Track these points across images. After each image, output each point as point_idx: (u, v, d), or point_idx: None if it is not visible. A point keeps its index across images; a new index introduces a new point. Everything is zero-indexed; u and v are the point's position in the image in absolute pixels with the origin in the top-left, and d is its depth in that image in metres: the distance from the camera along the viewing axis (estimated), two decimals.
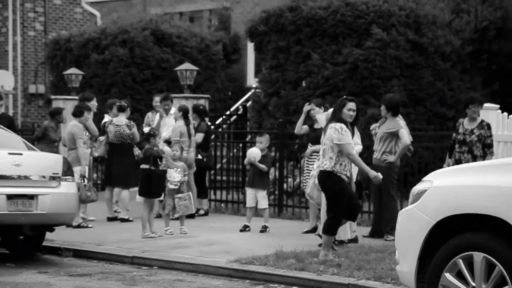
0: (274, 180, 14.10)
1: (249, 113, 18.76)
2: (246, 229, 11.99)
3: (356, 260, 9.31)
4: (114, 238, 11.37)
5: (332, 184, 9.42)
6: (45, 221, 10.24)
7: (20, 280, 8.86)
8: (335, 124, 9.44)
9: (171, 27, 19.90)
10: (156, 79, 19.21)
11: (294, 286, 8.66)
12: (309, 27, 15.87)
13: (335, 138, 9.35)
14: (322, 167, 9.50)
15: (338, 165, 9.39)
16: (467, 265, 6.07)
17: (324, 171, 9.45)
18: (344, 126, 9.41)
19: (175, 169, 11.74)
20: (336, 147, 9.37)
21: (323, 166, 9.48)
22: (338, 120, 9.48)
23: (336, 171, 9.39)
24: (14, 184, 9.98)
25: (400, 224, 6.66)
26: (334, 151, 9.40)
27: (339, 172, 9.40)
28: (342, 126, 9.40)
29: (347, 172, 9.45)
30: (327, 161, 9.43)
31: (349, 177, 9.52)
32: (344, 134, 9.35)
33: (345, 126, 9.42)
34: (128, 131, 13.44)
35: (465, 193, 6.15)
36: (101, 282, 8.86)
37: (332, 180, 9.40)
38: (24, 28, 24.69)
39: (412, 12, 15.56)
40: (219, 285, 8.80)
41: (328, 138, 9.44)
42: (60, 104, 17.12)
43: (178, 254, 10.18)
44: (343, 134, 9.35)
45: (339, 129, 9.36)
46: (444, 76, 15.75)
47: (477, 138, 10.83)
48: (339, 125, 9.41)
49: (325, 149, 9.49)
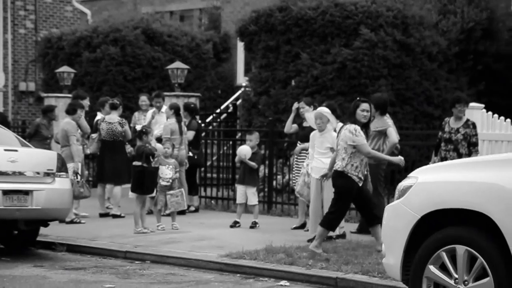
0: (264, 178, 14.34)
1: (239, 111, 18.99)
2: (236, 225, 12.22)
3: (344, 255, 9.56)
4: (107, 233, 11.58)
5: (341, 183, 9.70)
6: (40, 216, 10.43)
7: (17, 273, 9.07)
8: (349, 126, 9.71)
9: (162, 26, 20.11)
10: (147, 78, 19.42)
11: (284, 280, 8.89)
12: (298, 27, 16.11)
13: (349, 139, 9.63)
14: (335, 167, 9.82)
15: (349, 166, 9.68)
16: (450, 258, 6.33)
17: (336, 171, 9.77)
18: (358, 127, 9.68)
19: (167, 166, 11.96)
20: (350, 148, 9.64)
21: (336, 166, 9.80)
22: (352, 121, 9.75)
23: (347, 172, 9.67)
24: (9, 180, 10.17)
25: (386, 219, 6.92)
26: (347, 152, 9.68)
27: (350, 173, 9.68)
28: (356, 128, 9.67)
29: (358, 173, 9.70)
30: (339, 161, 9.74)
31: (361, 178, 9.76)
32: (358, 135, 9.63)
33: (359, 127, 9.68)
34: (120, 129, 13.64)
35: (449, 189, 6.40)
36: (96, 276, 9.08)
37: (342, 179, 9.69)
38: (14, 26, 24.83)
39: (399, 13, 15.82)
40: (211, 279, 9.02)
41: (342, 139, 9.73)
42: (52, 101, 17.30)
43: (170, 249, 10.40)
44: (357, 135, 9.62)
45: (353, 131, 9.63)
46: (431, 76, 16.03)
47: (463, 137, 11.07)
48: (354, 126, 9.67)
49: (339, 149, 9.78)
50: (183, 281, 8.86)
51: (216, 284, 8.73)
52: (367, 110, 9.81)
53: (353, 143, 9.59)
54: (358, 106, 9.80)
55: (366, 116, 9.81)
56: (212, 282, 8.85)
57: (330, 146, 10.86)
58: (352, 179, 9.64)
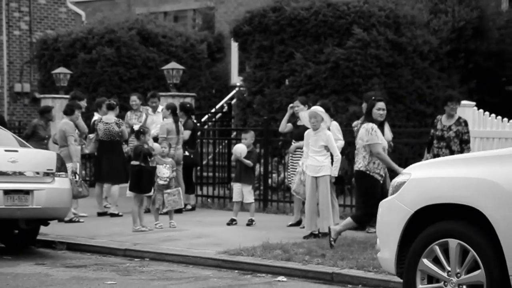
0: (259, 176, 14.53)
1: (234, 110, 19.18)
2: (233, 223, 12.42)
3: (340, 250, 9.77)
4: (106, 232, 11.76)
5: (364, 183, 9.94)
6: (40, 216, 10.61)
7: (19, 271, 9.25)
8: (366, 125, 10.00)
9: (157, 26, 20.29)
10: (143, 78, 19.60)
11: (281, 275, 9.09)
12: (292, 27, 16.30)
13: (364, 138, 9.87)
14: (357, 166, 10.05)
15: (371, 164, 9.93)
16: (443, 251, 6.53)
17: (358, 171, 10.03)
18: (375, 126, 9.96)
19: (164, 165, 12.14)
20: (368, 146, 9.89)
21: (358, 165, 10.04)
22: (370, 120, 9.99)
23: (369, 170, 9.92)
24: (10, 180, 10.34)
25: (381, 214, 7.13)
26: (367, 150, 9.96)
27: (372, 171, 9.93)
28: (373, 127, 9.94)
29: (380, 171, 9.96)
30: (360, 160, 10.00)
31: (382, 176, 10.01)
32: (373, 134, 9.90)
33: (376, 126, 9.94)
34: (117, 129, 13.82)
35: (441, 185, 6.61)
36: (97, 273, 9.27)
37: (364, 180, 9.94)
38: (9, 27, 24.95)
39: (391, 13, 16.03)
40: (209, 275, 9.22)
41: (360, 138, 10.01)
42: (48, 102, 17.48)
43: (169, 246, 10.59)
44: (372, 134, 9.89)
45: (369, 129, 9.91)
46: (422, 75, 16.24)
47: (455, 134, 11.26)
48: (370, 125, 9.96)
49: (358, 148, 10.04)
50: (182, 278, 9.05)
51: (215, 280, 8.93)
52: (383, 109, 10.12)
53: (367, 142, 9.86)
54: (374, 105, 10.11)
55: (382, 114, 10.11)
56: (211, 278, 9.04)
57: (325, 145, 11.08)
58: (374, 177, 9.89)
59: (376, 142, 9.91)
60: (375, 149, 9.92)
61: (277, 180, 14.87)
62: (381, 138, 10.02)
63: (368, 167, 9.93)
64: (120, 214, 13.46)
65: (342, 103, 15.58)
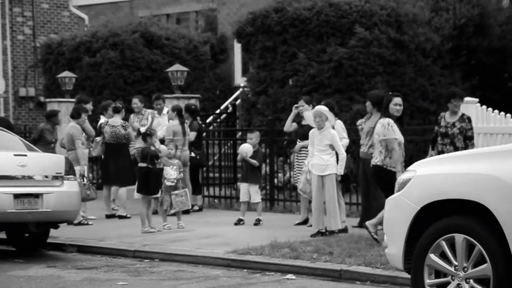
0: (265, 176, 14.64)
1: (238, 111, 19.30)
2: (240, 223, 12.54)
3: (347, 248, 9.87)
4: (115, 233, 11.89)
5: (381, 178, 10.07)
6: (50, 219, 10.75)
7: (32, 274, 9.39)
8: (383, 120, 10.14)
9: (160, 29, 20.43)
10: (147, 80, 19.74)
11: (290, 273, 9.20)
12: (294, 28, 16.43)
13: (381, 133, 10.01)
14: (374, 161, 10.18)
15: (388, 158, 10.07)
16: (449, 246, 6.65)
17: (375, 166, 10.17)
18: (392, 121, 10.09)
19: (171, 167, 12.26)
20: (384, 141, 10.02)
21: (374, 160, 10.17)
22: (387, 116, 10.13)
23: (386, 165, 10.05)
24: (19, 184, 10.48)
25: (387, 211, 7.24)
26: (383, 145, 10.11)
27: (389, 166, 10.07)
28: (390, 122, 10.08)
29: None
30: (377, 155, 10.15)
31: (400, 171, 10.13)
32: (390, 129, 10.04)
33: (392, 121, 10.08)
34: (123, 132, 13.95)
35: (446, 181, 6.72)
36: (108, 274, 9.40)
37: (381, 174, 10.07)
38: (13, 32, 25.10)
39: (393, 11, 16.15)
40: (219, 274, 9.34)
41: (377, 133, 10.14)
42: (54, 106, 17.61)
43: (178, 247, 10.72)
44: (389, 129, 10.03)
45: (385, 125, 10.05)
46: (425, 72, 16.36)
47: (459, 131, 11.36)
48: (387, 120, 10.10)
49: (375, 143, 10.17)
50: (192, 277, 9.18)
51: (224, 279, 9.05)
52: (399, 104, 10.25)
53: (383, 137, 9.99)
54: (391, 101, 10.23)
55: (399, 110, 10.24)
56: (220, 277, 9.16)
57: (330, 143, 11.20)
58: (392, 172, 10.00)
59: (392, 137, 10.04)
60: (390, 144, 10.05)
61: (283, 180, 14.99)
62: (397, 133, 10.14)
63: (385, 161, 10.05)
64: (128, 216, 13.59)
65: (346, 101, 15.71)
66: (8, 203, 10.24)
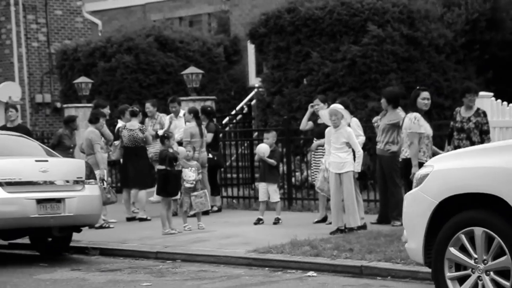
0: (283, 175, 14.74)
1: (254, 111, 19.42)
2: (259, 222, 12.65)
3: (367, 244, 9.97)
4: (136, 236, 12.03)
5: (410, 171, 10.13)
6: (73, 223, 10.90)
7: (57, 277, 9.55)
8: (410, 114, 10.32)
9: (174, 32, 20.60)
10: (162, 83, 19.91)
11: (311, 270, 9.31)
12: (307, 27, 16.53)
13: (407, 127, 10.14)
14: (403, 155, 10.30)
15: (419, 153, 10.17)
16: (469, 239, 6.75)
17: (405, 159, 10.32)
18: (419, 115, 10.25)
19: (189, 168, 12.39)
20: (416, 136, 10.16)
21: (404, 153, 10.29)
22: (414, 110, 10.27)
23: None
24: (41, 189, 10.63)
25: (406, 206, 7.35)
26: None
27: (419, 159, 10.16)
28: (416, 116, 10.23)
29: (426, 158, 10.20)
30: (406, 148, 10.31)
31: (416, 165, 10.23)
32: (416, 123, 10.20)
33: (419, 115, 10.22)
34: (141, 135, 14.10)
35: (464, 175, 6.82)
36: (132, 275, 9.54)
37: (411, 168, 10.13)
38: (27, 39, 25.33)
39: (405, 8, 16.23)
40: (241, 273, 9.46)
41: (405, 128, 10.31)
42: (72, 112, 17.79)
43: (199, 247, 10.85)
44: (415, 123, 10.20)
45: (412, 119, 10.23)
46: (439, 68, 16.42)
47: (474, 125, 11.41)
48: (414, 114, 10.27)
49: (403, 137, 10.34)
50: (215, 277, 9.30)
51: (246, 278, 9.18)
52: (427, 98, 10.40)
53: (409, 130, 10.12)
54: (419, 95, 10.38)
55: (427, 104, 10.40)
56: (242, 276, 9.29)
57: (346, 141, 11.31)
58: (421, 165, 10.07)
59: (416, 131, 10.16)
60: (411, 137, 10.18)
61: (301, 178, 15.09)
62: (424, 128, 10.25)
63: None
64: (149, 218, 13.73)
65: (361, 99, 15.80)
66: (31, 208, 10.40)
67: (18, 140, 11.72)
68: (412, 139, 10.20)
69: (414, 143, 10.21)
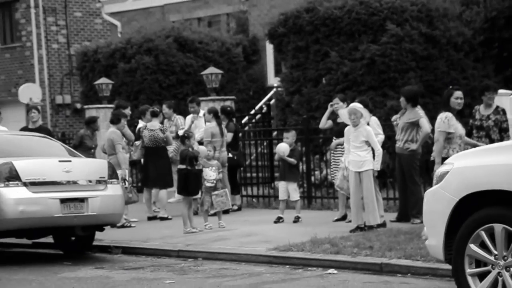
0: (302, 174, 14.83)
1: (273, 111, 19.52)
2: (279, 220, 12.74)
3: (387, 242, 10.03)
4: (158, 235, 12.16)
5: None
6: (96, 222, 11.04)
7: (81, 275, 9.69)
8: (442, 114, 10.39)
9: (193, 33, 20.74)
10: (182, 84, 20.06)
11: (331, 268, 9.39)
12: (326, 27, 16.61)
13: (437, 126, 10.24)
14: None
15: (451, 151, 10.30)
16: (489, 236, 6.81)
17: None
18: (450, 115, 10.32)
19: (210, 168, 12.49)
20: (443, 135, 10.19)
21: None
22: (447, 110, 10.35)
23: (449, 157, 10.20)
24: (65, 189, 10.77)
25: (426, 203, 7.41)
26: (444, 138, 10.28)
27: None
28: (447, 115, 10.33)
29: None
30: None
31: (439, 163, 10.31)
32: (445, 123, 10.27)
33: (451, 115, 10.28)
34: (161, 135, 14.22)
35: (484, 172, 6.88)
36: (155, 273, 9.67)
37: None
38: (48, 41, 25.60)
39: (423, 7, 16.28)
40: (262, 271, 9.56)
41: (436, 128, 10.40)
42: (92, 112, 17.96)
43: (220, 245, 10.95)
44: (445, 122, 10.29)
45: (443, 118, 10.32)
46: (458, 66, 16.46)
47: (494, 123, 11.46)
48: (445, 114, 10.35)
49: (435, 136, 10.37)
50: (236, 274, 9.41)
51: (268, 275, 9.27)
52: (460, 98, 10.46)
53: (438, 129, 10.18)
54: (452, 95, 10.44)
55: (460, 103, 10.47)
56: (263, 273, 9.38)
57: (365, 140, 11.37)
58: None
59: (443, 130, 10.20)
60: (437, 135, 10.26)
61: (320, 177, 15.17)
62: (454, 127, 10.28)
63: (448, 154, 10.21)
64: (169, 217, 13.86)
65: (380, 98, 15.87)
66: (55, 208, 10.54)
67: (41, 141, 11.89)
68: (438, 137, 10.26)
69: (439, 141, 10.27)
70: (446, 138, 10.26)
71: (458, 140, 10.30)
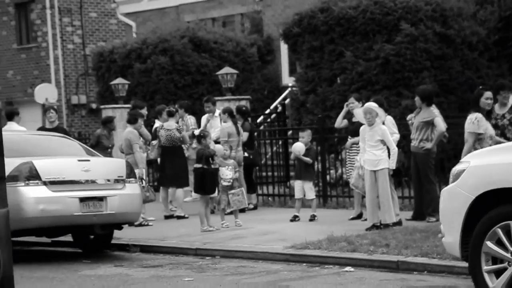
0: (317, 173, 14.92)
1: (288, 110, 19.62)
2: (295, 219, 12.85)
3: (403, 240, 10.12)
4: (175, 233, 12.29)
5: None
6: (114, 220, 11.17)
7: (101, 273, 9.82)
8: (472, 115, 10.38)
9: (208, 33, 20.88)
10: (197, 84, 20.19)
11: (348, 266, 9.49)
12: (340, 27, 16.69)
13: (466, 127, 10.29)
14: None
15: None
16: (505, 233, 6.89)
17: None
18: (480, 115, 10.29)
19: (226, 167, 12.61)
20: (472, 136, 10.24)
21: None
22: (476, 110, 10.38)
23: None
24: (84, 188, 10.91)
25: (443, 201, 7.49)
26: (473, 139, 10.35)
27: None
28: (477, 116, 10.29)
29: None
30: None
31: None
32: (475, 124, 10.26)
33: (480, 116, 10.28)
34: (178, 135, 14.35)
35: (500, 170, 6.96)
36: (173, 271, 9.79)
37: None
38: (63, 41, 25.78)
39: (438, 6, 16.33)
40: (279, 269, 9.66)
41: (466, 129, 10.42)
42: (109, 112, 18.13)
43: (237, 244, 11.07)
44: (474, 123, 10.26)
45: (472, 119, 10.30)
46: (472, 65, 16.50)
47: (509, 122, 11.47)
48: (475, 115, 10.32)
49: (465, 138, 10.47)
50: (254, 272, 9.52)
51: (285, 273, 9.38)
52: (490, 98, 10.46)
53: (467, 130, 10.22)
54: (482, 95, 10.45)
55: (490, 103, 10.46)
56: (281, 271, 9.49)
57: (380, 139, 11.45)
58: None
59: (472, 131, 10.23)
60: (467, 136, 10.27)
61: (335, 176, 15.25)
62: (484, 128, 10.28)
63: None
64: (186, 216, 13.98)
65: (394, 97, 15.93)
66: (74, 206, 10.68)
67: (60, 141, 12.04)
68: (468, 138, 10.25)
69: (469, 142, 10.24)
70: (477, 139, 10.26)
71: (489, 141, 10.30)
